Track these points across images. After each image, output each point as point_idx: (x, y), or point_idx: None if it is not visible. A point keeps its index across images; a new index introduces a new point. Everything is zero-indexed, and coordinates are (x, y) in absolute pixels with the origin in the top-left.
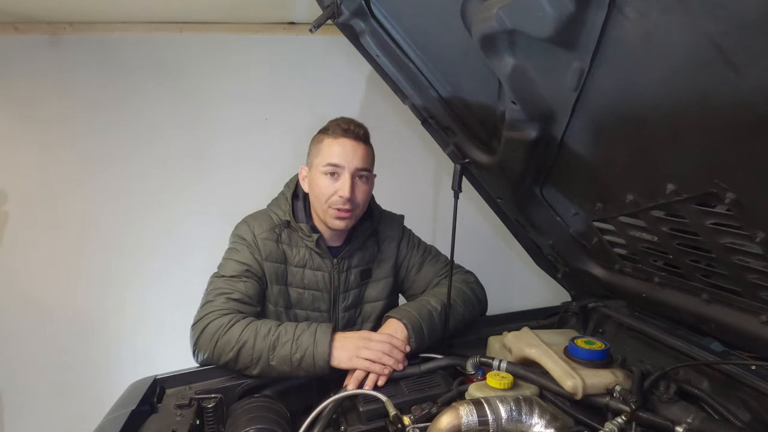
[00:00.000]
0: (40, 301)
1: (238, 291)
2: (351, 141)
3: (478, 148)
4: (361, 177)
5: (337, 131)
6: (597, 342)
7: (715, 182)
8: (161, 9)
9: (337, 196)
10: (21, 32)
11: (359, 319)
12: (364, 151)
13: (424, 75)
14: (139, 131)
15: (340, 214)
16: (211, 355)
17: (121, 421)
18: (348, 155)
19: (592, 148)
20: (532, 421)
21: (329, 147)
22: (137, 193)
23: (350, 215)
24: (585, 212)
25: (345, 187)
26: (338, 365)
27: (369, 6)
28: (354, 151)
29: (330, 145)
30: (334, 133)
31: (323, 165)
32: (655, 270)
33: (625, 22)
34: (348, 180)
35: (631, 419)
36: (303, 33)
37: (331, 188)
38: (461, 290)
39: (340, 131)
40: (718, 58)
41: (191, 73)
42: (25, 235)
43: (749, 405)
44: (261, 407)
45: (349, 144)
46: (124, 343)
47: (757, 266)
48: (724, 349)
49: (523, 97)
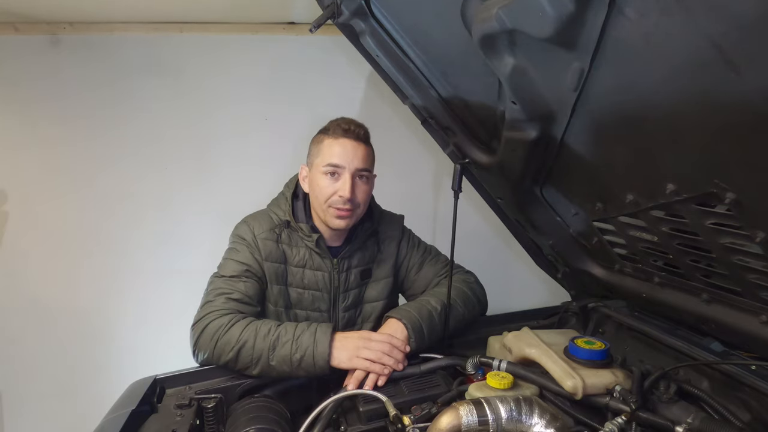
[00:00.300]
0: (40, 301)
1: (238, 291)
2: (351, 141)
3: (478, 148)
4: (361, 177)
5: (338, 131)
6: (597, 342)
7: (715, 182)
8: (161, 9)
9: (338, 196)
10: (21, 32)
11: (359, 319)
12: (365, 152)
13: (424, 75)
14: (139, 131)
15: (341, 213)
16: (211, 355)
17: (121, 421)
18: (348, 155)
19: (592, 148)
20: (532, 421)
21: (330, 147)
22: (137, 192)
23: (350, 214)
24: (585, 212)
25: (345, 187)
26: (338, 365)
27: (369, 6)
28: (354, 151)
29: (330, 146)
30: (334, 133)
31: (323, 165)
32: (655, 270)
33: (625, 22)
34: (348, 180)
35: (631, 419)
36: (303, 33)
37: (331, 188)
38: (461, 290)
39: (340, 131)
40: (718, 58)
41: (191, 73)
42: (25, 235)
43: (749, 405)
44: (261, 407)
45: (349, 144)
46: (124, 344)
47: (757, 266)
48: (724, 349)
49: (523, 97)
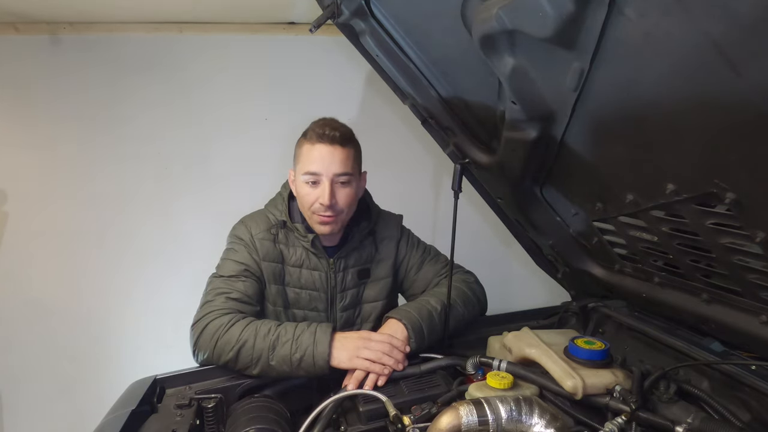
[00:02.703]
0: (40, 301)
1: (237, 290)
2: (327, 146)
3: (478, 148)
4: (342, 182)
5: (313, 137)
6: (597, 342)
7: (715, 182)
8: (161, 9)
9: (318, 204)
10: (21, 32)
11: (358, 319)
12: (342, 155)
13: (424, 75)
14: (139, 131)
15: (324, 219)
16: (211, 354)
17: (121, 421)
18: (325, 162)
19: (592, 148)
20: (532, 421)
21: (308, 154)
22: (136, 192)
23: (334, 220)
24: (585, 212)
25: (324, 194)
26: (338, 365)
27: (369, 6)
28: (331, 156)
29: (308, 152)
30: (310, 138)
31: (302, 173)
32: (655, 270)
33: (625, 22)
34: (327, 187)
35: (631, 419)
36: (303, 33)
37: (312, 196)
38: (461, 290)
39: (315, 136)
40: (718, 58)
41: (191, 73)
42: (25, 235)
43: (749, 405)
44: (261, 407)
45: (325, 149)
46: (124, 343)
47: (757, 266)
48: (724, 349)
49: (523, 97)
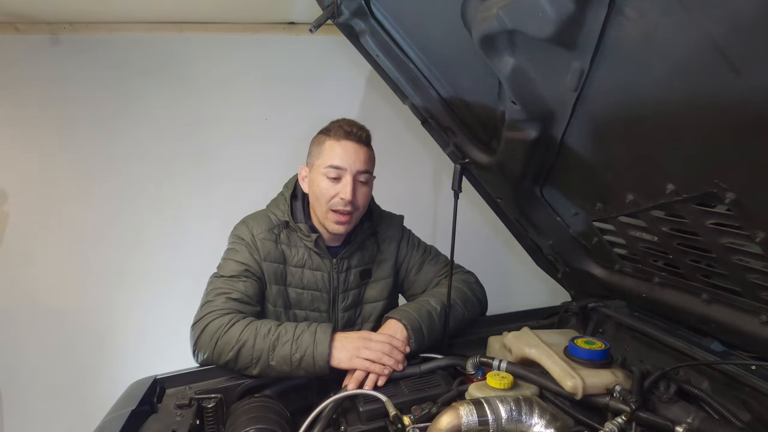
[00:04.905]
0: (40, 301)
1: (238, 291)
2: (353, 143)
3: (478, 148)
4: (362, 180)
5: (340, 133)
6: (597, 342)
7: (715, 182)
8: (161, 9)
9: (339, 198)
10: (21, 32)
11: (359, 319)
12: (366, 154)
13: (424, 75)
14: (139, 131)
15: (340, 218)
16: (211, 354)
17: (121, 421)
18: (350, 158)
19: (592, 148)
20: (532, 421)
21: (331, 149)
22: (136, 192)
23: (350, 219)
24: (585, 212)
25: (347, 189)
26: (338, 365)
27: (369, 6)
28: (356, 153)
29: (332, 147)
30: (336, 135)
31: (324, 167)
32: (655, 270)
33: (625, 22)
34: (350, 182)
35: (631, 419)
36: (303, 33)
37: (332, 190)
38: (461, 290)
39: (342, 133)
40: (718, 58)
41: (191, 73)
42: (25, 235)
43: (749, 405)
44: (261, 407)
45: (351, 146)
46: (124, 343)
47: (757, 266)
48: (724, 349)
49: (523, 97)
